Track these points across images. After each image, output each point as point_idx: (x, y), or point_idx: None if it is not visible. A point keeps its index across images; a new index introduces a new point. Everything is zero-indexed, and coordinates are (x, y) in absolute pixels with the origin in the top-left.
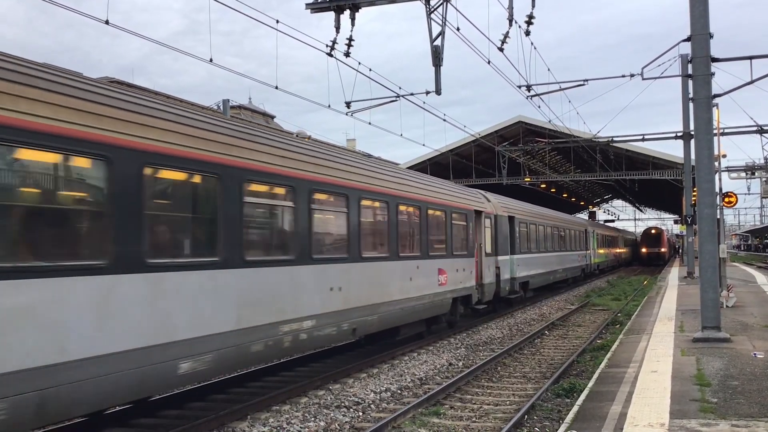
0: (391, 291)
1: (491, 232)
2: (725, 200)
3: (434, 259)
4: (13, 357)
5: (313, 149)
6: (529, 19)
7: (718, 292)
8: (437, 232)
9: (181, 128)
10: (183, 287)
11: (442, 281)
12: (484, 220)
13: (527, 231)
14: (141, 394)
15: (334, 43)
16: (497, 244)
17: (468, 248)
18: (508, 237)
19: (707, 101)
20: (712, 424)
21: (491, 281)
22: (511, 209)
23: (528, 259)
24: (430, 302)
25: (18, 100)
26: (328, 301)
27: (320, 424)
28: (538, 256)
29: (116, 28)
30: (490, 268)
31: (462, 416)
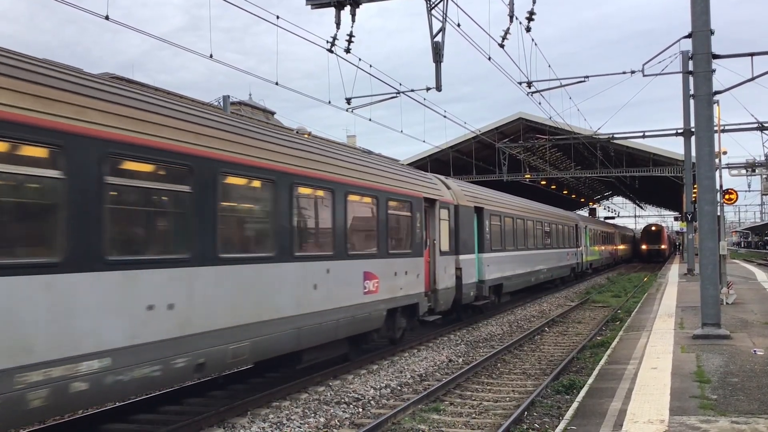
0: (280, 304)
1: (450, 226)
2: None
3: (357, 259)
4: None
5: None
6: (529, 15)
7: (718, 289)
8: (363, 225)
9: (146, 115)
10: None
11: (371, 288)
12: (438, 211)
13: (501, 225)
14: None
15: (335, 39)
16: (458, 240)
17: (413, 245)
18: (474, 232)
19: (708, 98)
20: (711, 420)
21: (449, 286)
22: (479, 199)
23: (502, 258)
24: (350, 317)
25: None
26: (144, 327)
27: (320, 420)
28: (515, 255)
29: (116, 23)
30: (447, 269)
31: (462, 412)
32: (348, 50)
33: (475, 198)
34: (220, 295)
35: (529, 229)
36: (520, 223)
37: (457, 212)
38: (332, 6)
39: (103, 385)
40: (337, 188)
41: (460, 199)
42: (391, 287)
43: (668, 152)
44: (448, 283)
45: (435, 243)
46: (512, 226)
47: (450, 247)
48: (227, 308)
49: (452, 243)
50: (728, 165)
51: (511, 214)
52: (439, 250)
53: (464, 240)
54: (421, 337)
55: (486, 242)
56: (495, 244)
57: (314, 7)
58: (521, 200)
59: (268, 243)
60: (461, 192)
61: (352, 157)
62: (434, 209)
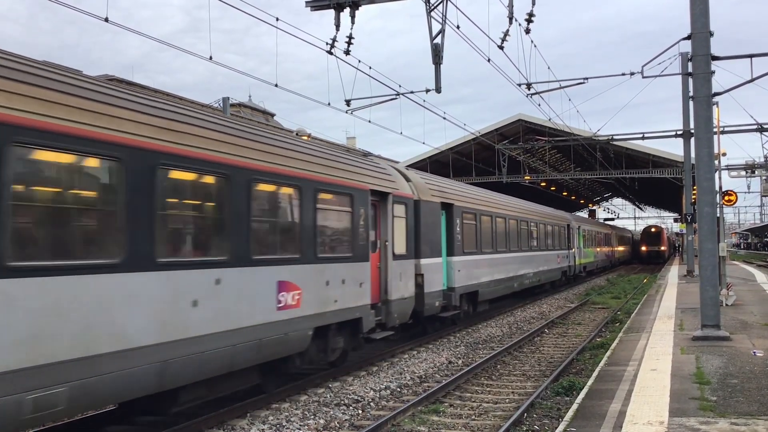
0: (129, 330)
1: (408, 225)
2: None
3: (267, 266)
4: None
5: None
6: (529, 17)
7: (717, 291)
8: (278, 222)
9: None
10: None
11: (289, 302)
12: (392, 207)
13: (477, 224)
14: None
15: (334, 41)
16: (420, 241)
17: (355, 248)
18: (441, 232)
19: (707, 99)
20: (711, 422)
21: (406, 295)
22: (447, 194)
23: (477, 262)
24: (255, 341)
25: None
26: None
27: (320, 422)
28: (494, 258)
29: (115, 25)
30: (403, 276)
31: (461, 414)
32: (347, 52)
33: (443, 192)
34: (11, 322)
35: (512, 229)
36: (501, 223)
37: (417, 209)
38: (332, 8)
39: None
40: (234, 174)
41: (422, 193)
42: (321, 300)
43: (668, 154)
44: (405, 293)
45: (387, 245)
46: (491, 225)
47: (408, 249)
48: (22, 340)
49: (411, 245)
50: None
51: (490, 212)
52: (393, 254)
53: (428, 241)
54: (420, 339)
55: (457, 244)
56: (468, 245)
57: (314, 9)
58: (503, 197)
59: (110, 244)
60: (424, 185)
61: (261, 135)
62: (386, 205)
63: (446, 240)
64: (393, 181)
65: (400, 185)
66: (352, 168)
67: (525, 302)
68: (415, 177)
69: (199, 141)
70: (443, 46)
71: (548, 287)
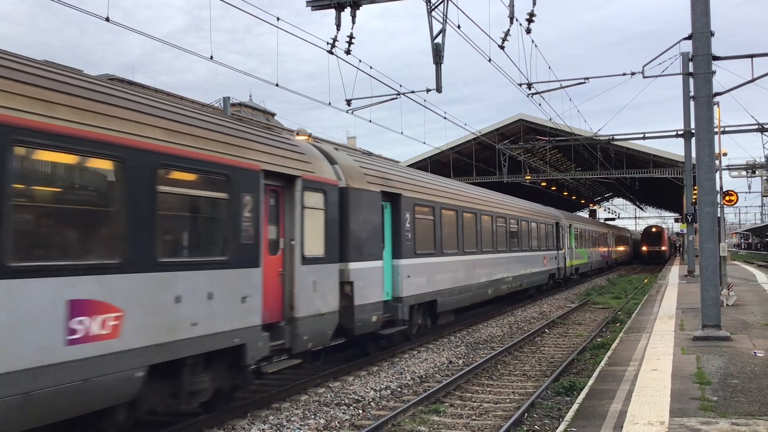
0: None
1: (329, 219)
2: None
3: (43, 277)
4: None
5: None
6: (530, 17)
7: (718, 291)
8: (70, 207)
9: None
10: None
11: (94, 331)
12: (301, 195)
13: (435, 220)
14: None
15: (335, 41)
16: (349, 240)
17: (235, 249)
18: (384, 229)
19: (708, 99)
20: (712, 422)
21: (324, 310)
22: (392, 182)
23: (435, 266)
24: (20, 397)
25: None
26: None
27: (320, 422)
28: (459, 261)
29: (116, 25)
30: (320, 286)
31: (462, 414)
32: (348, 51)
33: (387, 180)
34: None
35: (484, 226)
36: (471, 219)
37: (345, 199)
38: (332, 8)
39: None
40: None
41: (353, 179)
42: (165, 324)
43: (668, 154)
44: (323, 306)
45: (293, 245)
46: (456, 221)
47: (329, 250)
48: None
49: (333, 245)
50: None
51: (453, 206)
52: (302, 256)
53: (361, 240)
54: (420, 339)
55: (406, 244)
56: (423, 246)
57: (314, 8)
58: (474, 189)
59: None
60: (357, 170)
61: (30, 71)
62: (292, 192)
63: (391, 239)
64: (305, 161)
65: (316, 167)
66: (231, 138)
67: (525, 302)
68: (345, 159)
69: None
70: (444, 45)
71: (534, 291)
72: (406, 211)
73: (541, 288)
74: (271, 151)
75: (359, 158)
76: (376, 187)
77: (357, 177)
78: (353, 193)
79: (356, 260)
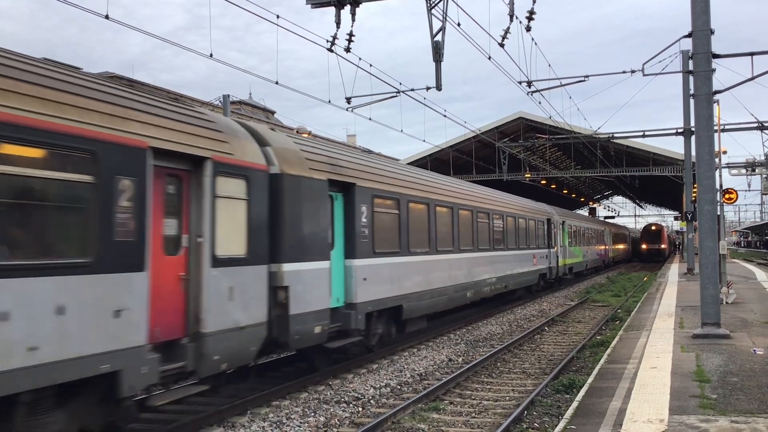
0: None
1: (254, 212)
2: (725, 197)
3: None
4: None
5: None
6: (529, 14)
7: (718, 289)
8: None
9: None
10: None
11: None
12: (212, 182)
13: (401, 215)
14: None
15: (335, 39)
16: (283, 237)
17: (101, 248)
18: (328, 224)
19: (708, 97)
20: (711, 420)
21: (245, 323)
22: (343, 168)
23: (399, 267)
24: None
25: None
26: None
27: (320, 420)
28: (430, 261)
29: (116, 22)
30: (239, 292)
31: (461, 412)
32: (348, 49)
33: (336, 166)
34: None
35: (462, 222)
36: (445, 214)
37: (278, 187)
38: (332, 5)
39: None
40: None
41: (290, 163)
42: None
43: (668, 152)
44: (244, 318)
45: (201, 243)
46: (428, 216)
47: (253, 250)
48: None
49: (260, 242)
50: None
51: (424, 198)
52: (212, 257)
53: (301, 237)
54: (420, 337)
55: (362, 241)
56: (385, 243)
57: (314, 6)
58: (448, 180)
59: None
60: (297, 153)
61: None
62: (200, 177)
63: (344, 236)
64: (220, 140)
65: (237, 148)
66: (101, 105)
67: (525, 301)
68: (280, 140)
69: None
70: (444, 43)
71: (523, 292)
72: (362, 204)
73: (531, 289)
74: (167, 125)
75: (302, 140)
76: (321, 174)
77: (295, 162)
78: (290, 180)
79: (293, 261)
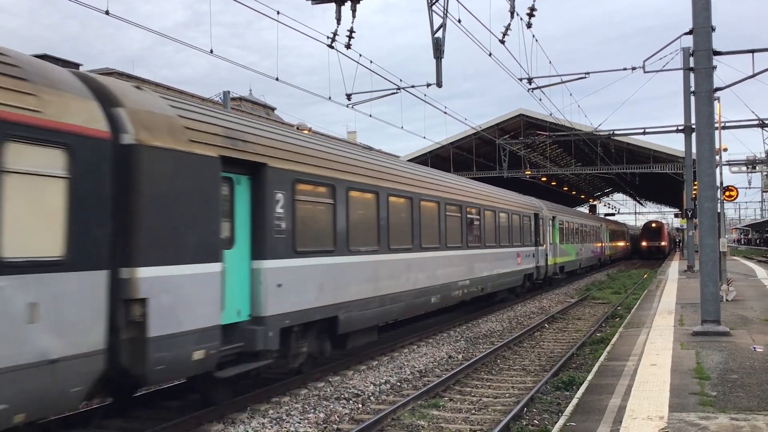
0: None
1: (80, 193)
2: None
3: None
4: None
5: None
6: (530, 11)
7: (718, 286)
8: None
9: None
10: None
11: None
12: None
13: (336, 206)
14: None
15: (335, 35)
16: (139, 231)
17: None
18: (216, 214)
19: (709, 95)
20: (711, 417)
21: (61, 354)
22: (244, 143)
23: (332, 270)
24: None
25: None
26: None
27: (320, 416)
28: (376, 261)
29: (116, 18)
30: (50, 312)
31: (461, 408)
32: (348, 46)
33: (235, 140)
34: None
35: (426, 215)
36: (401, 205)
37: (134, 162)
38: (333, 1)
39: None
40: None
41: (154, 132)
42: None
43: (669, 149)
44: (57, 347)
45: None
46: (376, 208)
47: (79, 248)
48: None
49: (93, 238)
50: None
51: (372, 186)
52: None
53: (174, 231)
54: (420, 333)
55: (276, 237)
56: (310, 240)
57: (315, 2)
58: (408, 165)
59: None
60: (167, 118)
61: None
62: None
63: (251, 230)
64: (18, 89)
65: (50, 104)
66: None
67: (525, 298)
68: (143, 99)
69: None
70: (444, 40)
71: (506, 294)
72: (277, 190)
73: (515, 291)
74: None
75: (185, 104)
76: (209, 149)
77: (164, 130)
78: (152, 155)
79: (157, 264)
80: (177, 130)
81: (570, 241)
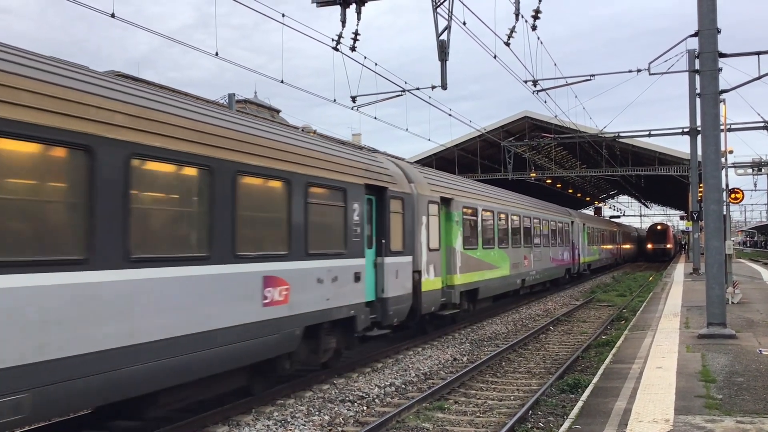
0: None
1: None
2: (731, 196)
3: None
4: None
5: None
6: (535, 13)
7: (723, 289)
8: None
9: None
10: None
11: None
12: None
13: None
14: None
15: (340, 38)
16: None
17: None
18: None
19: (714, 97)
20: (717, 420)
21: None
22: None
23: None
24: None
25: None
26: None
27: (324, 418)
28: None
29: (122, 21)
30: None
31: (466, 411)
32: (353, 48)
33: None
34: None
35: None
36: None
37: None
38: (338, 4)
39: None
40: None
41: (421, 187)
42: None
43: (674, 151)
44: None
45: None
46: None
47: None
48: None
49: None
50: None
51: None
52: None
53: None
54: (425, 336)
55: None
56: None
57: (320, 5)
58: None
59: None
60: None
61: None
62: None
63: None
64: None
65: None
66: None
67: (530, 299)
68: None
69: None
70: (449, 42)
71: (549, 286)
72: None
73: (559, 282)
74: None
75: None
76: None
77: (425, 187)
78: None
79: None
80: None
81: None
